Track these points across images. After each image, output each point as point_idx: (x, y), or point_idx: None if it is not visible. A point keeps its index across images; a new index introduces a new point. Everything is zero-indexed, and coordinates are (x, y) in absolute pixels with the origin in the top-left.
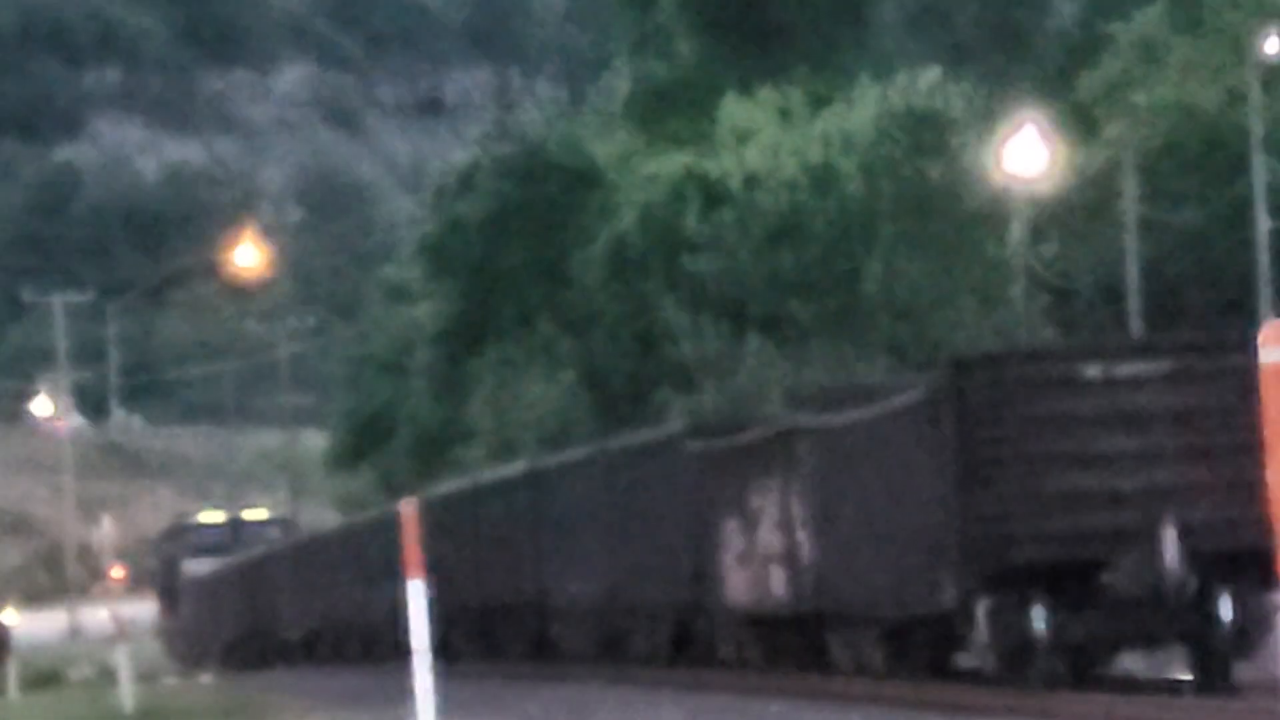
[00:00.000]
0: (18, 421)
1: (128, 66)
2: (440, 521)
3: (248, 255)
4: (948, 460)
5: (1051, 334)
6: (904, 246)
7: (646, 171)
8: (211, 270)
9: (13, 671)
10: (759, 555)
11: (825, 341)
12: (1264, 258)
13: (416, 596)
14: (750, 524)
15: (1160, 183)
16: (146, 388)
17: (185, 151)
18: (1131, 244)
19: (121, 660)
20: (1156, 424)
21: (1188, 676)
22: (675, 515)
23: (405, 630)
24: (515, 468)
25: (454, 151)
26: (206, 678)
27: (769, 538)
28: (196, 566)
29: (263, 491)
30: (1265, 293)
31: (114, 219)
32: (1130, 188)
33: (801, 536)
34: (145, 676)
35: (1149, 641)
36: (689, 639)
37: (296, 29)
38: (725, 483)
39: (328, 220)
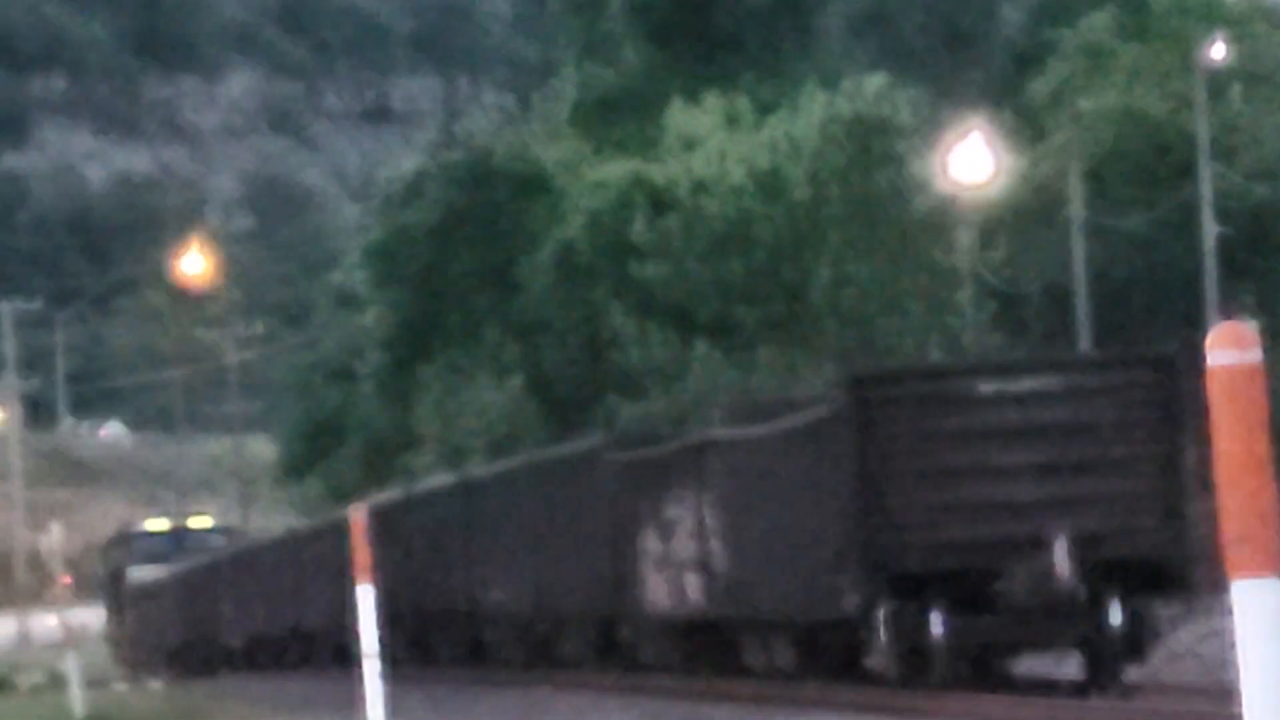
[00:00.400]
0: None
1: (74, 74)
2: (377, 530)
3: (195, 263)
4: (848, 473)
5: (1000, 339)
6: (851, 252)
7: (594, 178)
8: (159, 278)
9: None
10: (675, 563)
11: (773, 348)
12: (1211, 262)
13: (366, 601)
14: (667, 533)
15: (1107, 188)
16: (95, 395)
17: (132, 159)
18: (1078, 249)
19: (71, 666)
20: (1049, 438)
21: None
22: (597, 524)
23: (347, 636)
24: (445, 478)
25: (402, 159)
26: (156, 684)
27: (684, 546)
28: (141, 574)
29: (213, 498)
30: (1211, 296)
31: (61, 227)
32: (1077, 193)
33: (714, 545)
34: (95, 682)
35: (1042, 646)
36: (614, 644)
37: (244, 36)
38: (643, 493)
39: (276, 227)
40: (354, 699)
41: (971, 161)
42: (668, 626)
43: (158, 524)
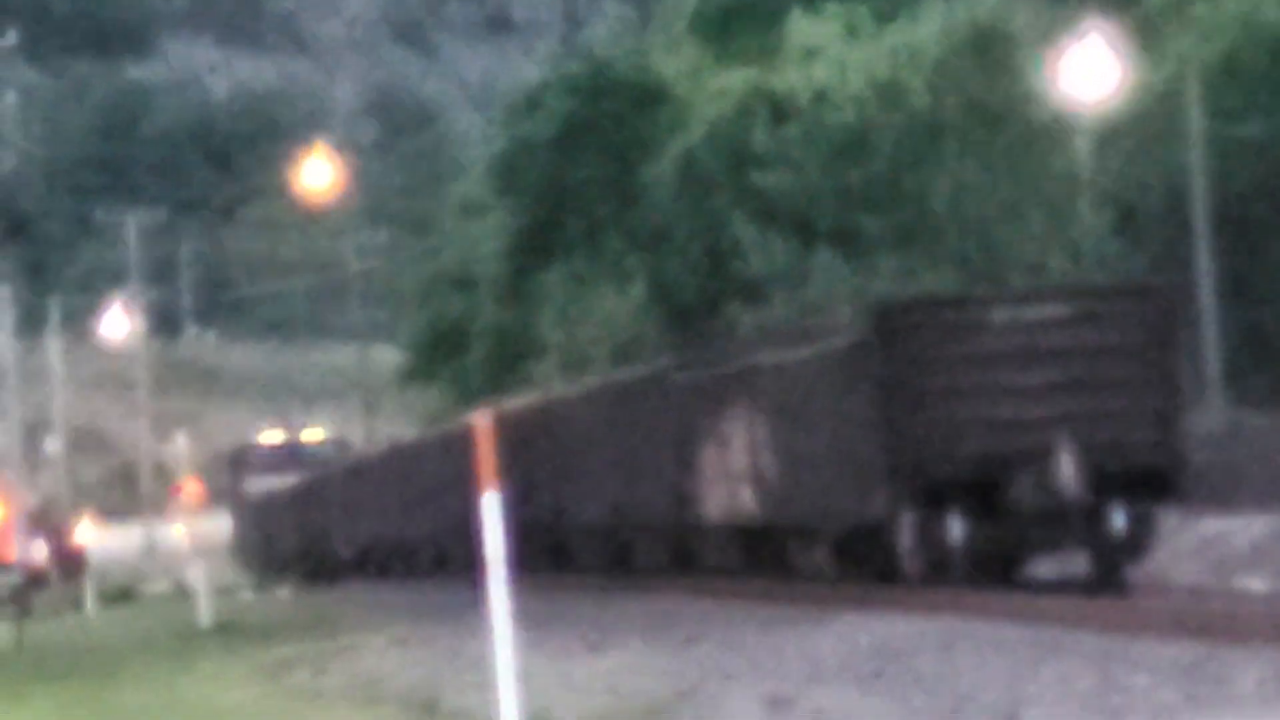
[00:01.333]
0: (91, 339)
1: None
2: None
3: (318, 173)
4: (875, 393)
5: (1118, 247)
6: (971, 161)
7: (714, 88)
8: (283, 188)
9: (90, 587)
10: (731, 475)
11: (893, 255)
12: None
13: (491, 509)
14: (723, 448)
15: (1226, 96)
16: (220, 305)
17: (255, 71)
18: (1196, 157)
19: (197, 575)
20: (1056, 360)
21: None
22: (664, 442)
23: (447, 546)
24: (533, 399)
25: (523, 70)
26: (283, 592)
27: (738, 460)
28: (257, 485)
29: (337, 407)
30: None
31: (185, 138)
32: (1195, 101)
33: (764, 459)
34: (222, 591)
35: (1051, 548)
36: (684, 551)
37: None
38: (702, 413)
39: (398, 138)
40: (480, 606)
41: (1090, 69)
42: (725, 534)
43: (273, 437)
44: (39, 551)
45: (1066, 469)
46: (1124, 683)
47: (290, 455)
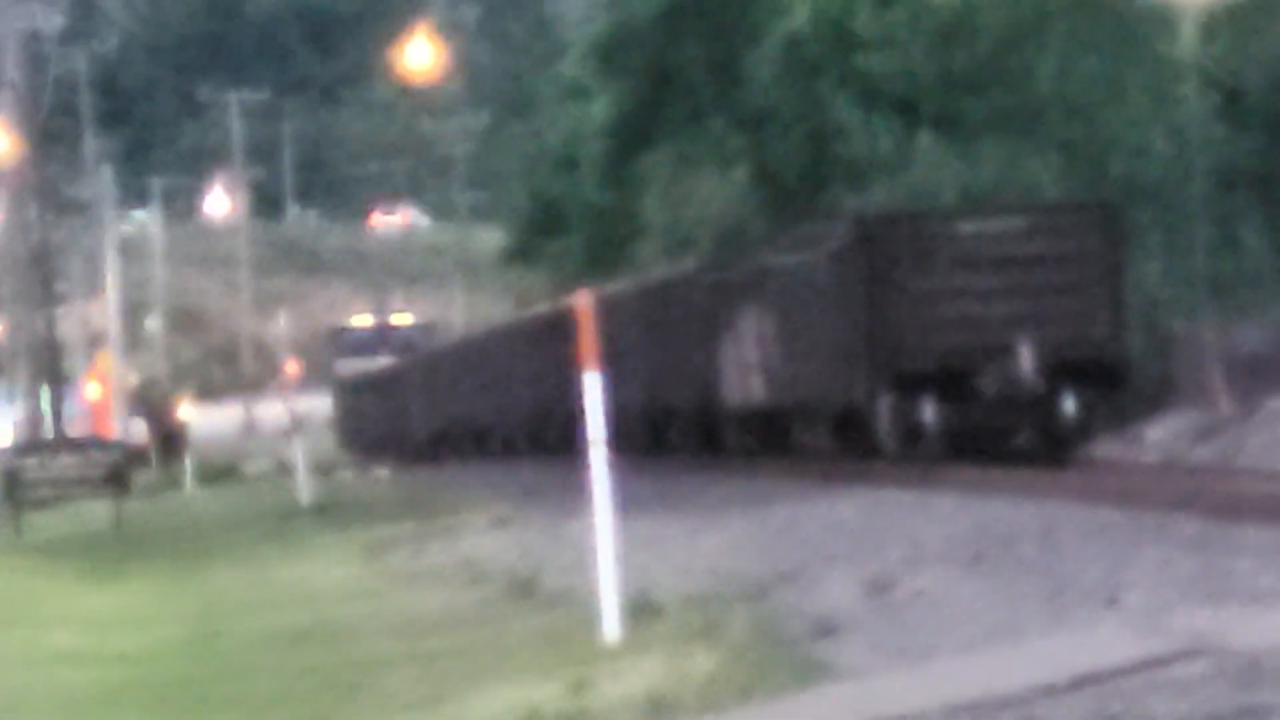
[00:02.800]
0: (194, 218)
1: None
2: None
3: (421, 54)
4: (859, 293)
5: (1222, 131)
6: (1076, 44)
7: None
8: (385, 69)
9: (189, 467)
10: (745, 365)
11: (997, 139)
12: None
13: (593, 389)
14: (739, 341)
15: None
16: (322, 185)
17: None
18: None
19: (297, 454)
20: (1016, 267)
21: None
22: (693, 334)
23: (512, 430)
24: (578, 298)
25: None
26: (382, 472)
27: (751, 351)
28: (348, 367)
29: (439, 288)
30: None
31: (289, 18)
32: None
33: (771, 350)
34: (321, 470)
35: (1011, 429)
36: (712, 433)
37: None
38: (723, 309)
39: (500, 19)
40: (577, 487)
41: None
42: (741, 417)
43: (363, 320)
44: (138, 430)
45: (1024, 361)
46: (1225, 567)
47: (380, 338)
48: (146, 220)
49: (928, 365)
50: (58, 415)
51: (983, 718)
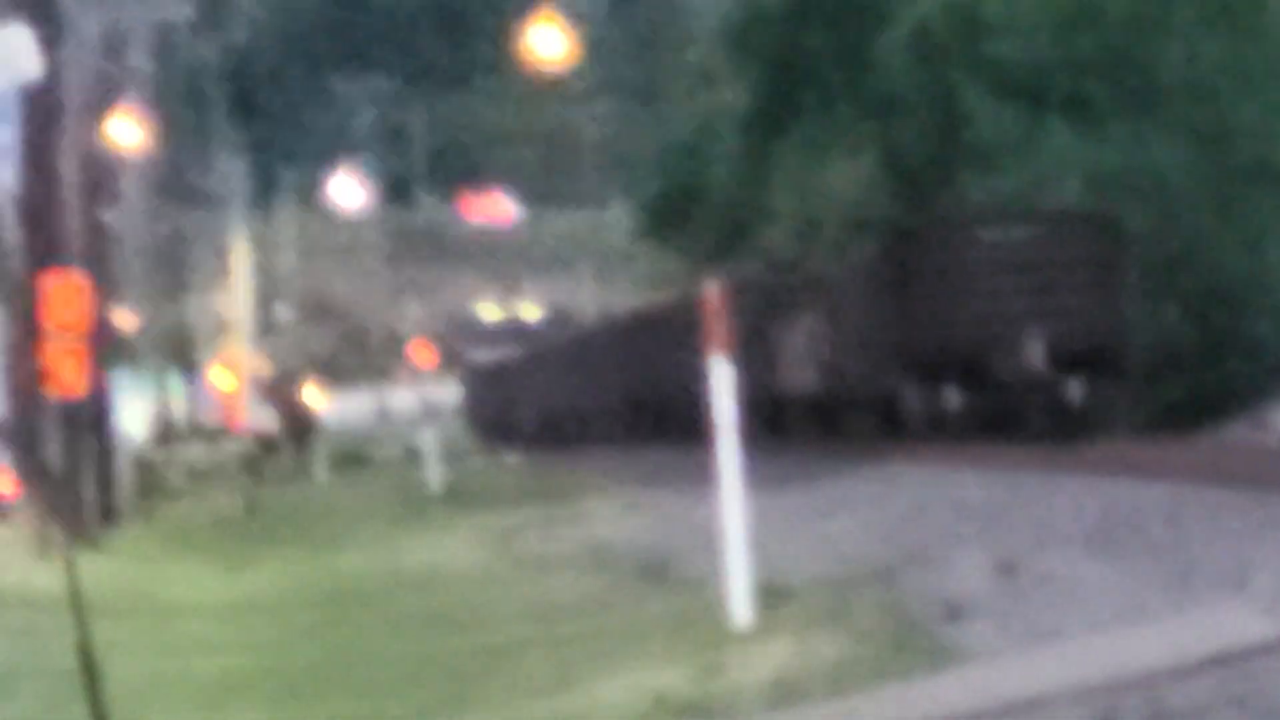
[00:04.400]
0: (324, 207)
1: None
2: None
3: (551, 41)
4: (889, 294)
5: None
6: (1204, 29)
7: None
8: (514, 57)
9: (320, 454)
10: (800, 358)
11: (1123, 124)
12: None
13: (722, 374)
14: (796, 336)
15: None
16: (452, 173)
17: None
18: None
19: (427, 441)
20: (1029, 268)
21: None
22: (757, 331)
23: (616, 418)
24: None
25: None
26: (511, 457)
27: (804, 345)
28: (477, 356)
29: (568, 275)
30: None
31: (419, 6)
32: None
33: (821, 344)
34: (451, 456)
35: (1023, 413)
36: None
37: None
38: (783, 308)
39: (630, 6)
40: (704, 471)
41: None
42: (797, 403)
43: (493, 311)
44: (269, 419)
45: (1035, 352)
46: None
47: (509, 329)
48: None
49: (949, 356)
50: (189, 405)
51: (1111, 699)
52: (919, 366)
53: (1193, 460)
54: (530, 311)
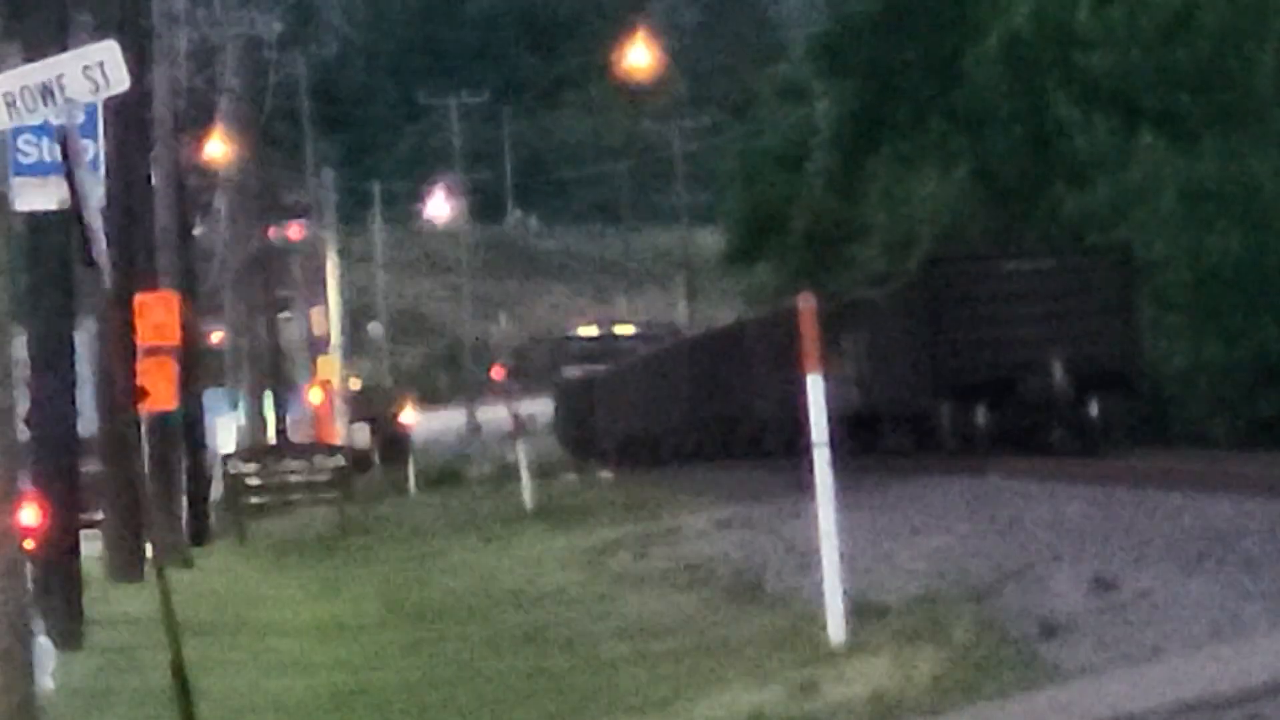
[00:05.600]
0: (414, 222)
1: None
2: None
3: (640, 55)
4: (924, 320)
5: None
6: None
7: None
8: (605, 71)
9: (413, 470)
10: (843, 378)
11: (1217, 137)
12: None
13: (816, 390)
14: (842, 359)
15: None
16: (542, 188)
17: None
18: None
19: (520, 457)
20: (1050, 297)
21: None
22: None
23: (694, 436)
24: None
25: None
26: (605, 474)
27: (848, 366)
28: (571, 374)
29: (660, 290)
30: None
31: (507, 20)
32: None
33: (862, 365)
34: (544, 472)
35: (1047, 429)
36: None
37: None
38: (828, 331)
39: (721, 19)
40: (797, 487)
41: None
42: (840, 421)
43: (589, 329)
44: (362, 435)
45: (1058, 373)
46: None
47: (604, 346)
48: (369, 225)
49: (979, 377)
50: (281, 421)
51: (1209, 717)
52: (951, 387)
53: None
54: (626, 329)
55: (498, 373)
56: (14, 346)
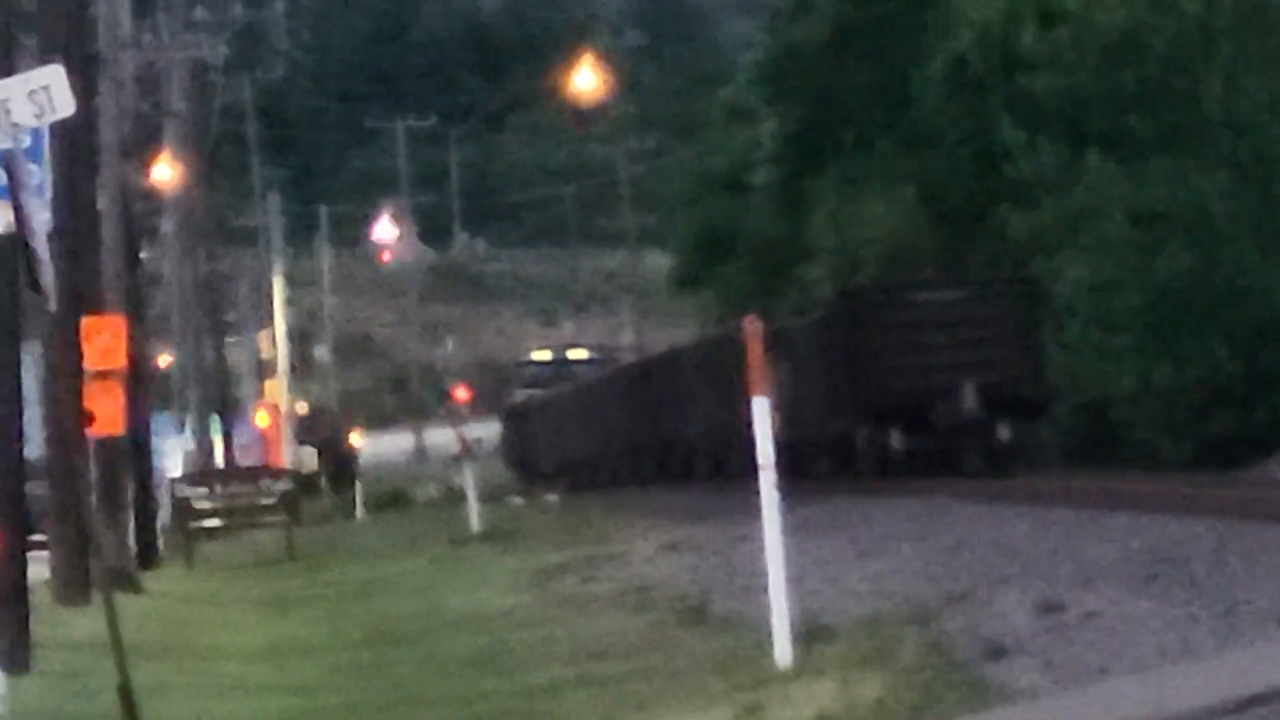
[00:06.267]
0: (361, 246)
1: None
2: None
3: (587, 79)
4: (841, 349)
5: None
6: (1244, 63)
7: None
8: (552, 94)
9: (360, 494)
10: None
11: (1164, 159)
12: None
13: (761, 413)
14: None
15: None
16: (489, 211)
17: None
18: None
19: (467, 480)
20: (960, 325)
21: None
22: (729, 380)
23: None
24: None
25: None
26: (551, 497)
27: (774, 394)
28: (523, 398)
29: (606, 313)
30: None
31: (455, 45)
32: None
33: (784, 392)
34: (491, 496)
35: (959, 452)
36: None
37: None
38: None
39: (666, 43)
40: (743, 511)
41: None
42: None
43: (542, 354)
44: (309, 458)
45: (968, 398)
46: None
47: (558, 370)
48: (315, 248)
49: (893, 403)
50: (228, 444)
51: None
52: (867, 413)
53: (1238, 497)
54: (580, 353)
55: (461, 394)
56: None
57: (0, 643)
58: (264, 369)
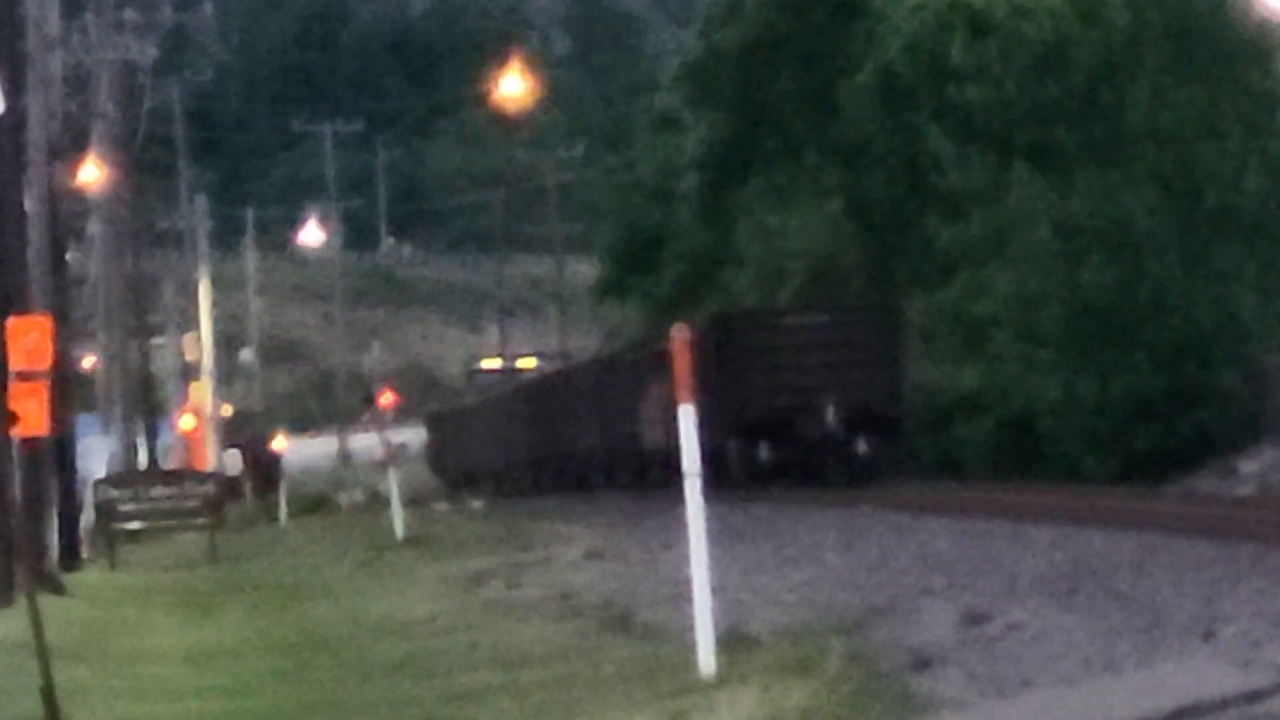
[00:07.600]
0: (287, 250)
1: None
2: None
3: (515, 85)
4: (713, 367)
5: None
6: (1170, 76)
7: (912, 2)
8: (480, 100)
9: (284, 497)
10: (651, 419)
11: (1091, 171)
12: None
13: (687, 420)
14: (651, 400)
15: None
16: (415, 217)
17: None
18: None
19: (391, 486)
20: (823, 348)
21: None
22: (623, 394)
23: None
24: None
25: None
26: (476, 504)
27: (655, 408)
28: (451, 404)
29: (532, 320)
30: None
31: (382, 50)
32: None
33: (665, 409)
34: (416, 501)
35: (821, 464)
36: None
37: None
38: (641, 377)
39: (595, 50)
40: (668, 519)
41: None
42: (651, 457)
43: (491, 362)
44: (233, 461)
45: (830, 415)
46: None
47: (504, 379)
48: (241, 252)
49: (761, 418)
50: (152, 447)
51: None
52: (737, 427)
53: (1161, 511)
54: (526, 361)
55: (386, 399)
56: None
57: None
58: (189, 372)
